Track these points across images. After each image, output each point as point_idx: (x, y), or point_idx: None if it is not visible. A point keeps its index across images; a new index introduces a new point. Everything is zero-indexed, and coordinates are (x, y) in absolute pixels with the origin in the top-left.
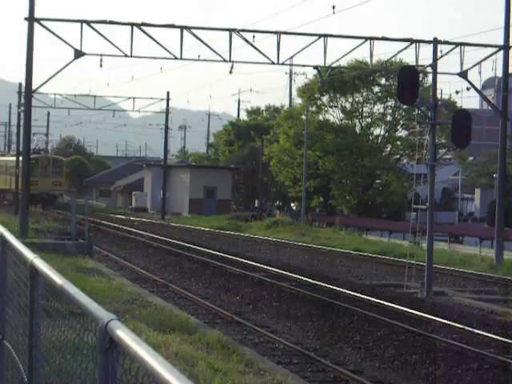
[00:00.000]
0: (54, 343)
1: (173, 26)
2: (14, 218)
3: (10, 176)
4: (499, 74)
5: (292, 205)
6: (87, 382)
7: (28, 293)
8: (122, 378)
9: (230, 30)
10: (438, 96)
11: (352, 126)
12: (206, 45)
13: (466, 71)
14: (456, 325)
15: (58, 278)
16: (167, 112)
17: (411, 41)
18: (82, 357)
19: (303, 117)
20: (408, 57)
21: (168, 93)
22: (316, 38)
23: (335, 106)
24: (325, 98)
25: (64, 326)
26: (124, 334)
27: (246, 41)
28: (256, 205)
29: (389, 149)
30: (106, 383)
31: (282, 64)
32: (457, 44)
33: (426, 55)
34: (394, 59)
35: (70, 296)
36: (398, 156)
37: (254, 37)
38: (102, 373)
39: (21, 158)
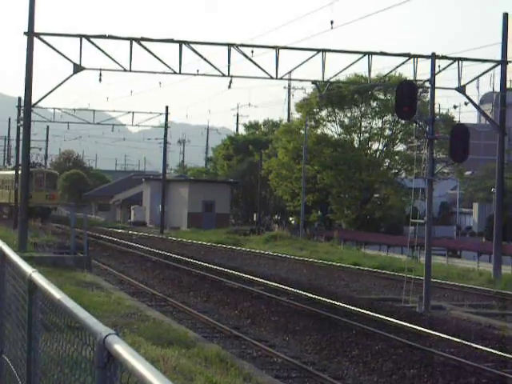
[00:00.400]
0: (52, 357)
1: (172, 40)
2: (13, 232)
3: (9, 190)
4: (497, 88)
5: (290, 219)
6: None
7: (26, 307)
8: None
9: (229, 45)
10: (436, 111)
11: (350, 141)
12: (205, 59)
13: (464, 86)
14: (454, 339)
15: (56, 293)
16: (166, 126)
17: (409, 56)
18: (79, 371)
19: (302, 131)
20: (407, 71)
21: (167, 107)
22: (314, 52)
23: (333, 121)
24: (323, 113)
25: (62, 340)
26: (122, 349)
27: (245, 55)
28: (254, 219)
29: (387, 163)
30: None
31: (281, 79)
32: (455, 59)
33: (424, 70)
34: (393, 73)
35: (68, 310)
36: (396, 170)
37: (252, 52)
38: None
39: (20, 172)
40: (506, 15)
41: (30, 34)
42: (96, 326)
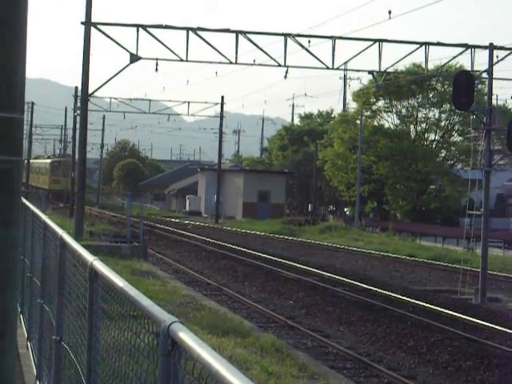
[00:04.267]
0: (113, 345)
1: (228, 30)
2: (70, 221)
3: (44, 176)
4: None
5: (345, 210)
6: (146, 383)
7: (87, 295)
8: (183, 380)
9: (286, 35)
10: (494, 102)
11: (407, 131)
12: (261, 49)
13: None
14: (510, 331)
15: (118, 280)
16: (221, 116)
17: (467, 46)
18: (141, 358)
19: (358, 121)
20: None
21: (222, 97)
22: (371, 42)
23: (390, 111)
24: (380, 103)
25: (123, 328)
26: (186, 337)
27: (301, 45)
28: (309, 209)
29: (443, 154)
30: None
31: (337, 69)
32: None
33: (482, 60)
34: (451, 63)
35: (130, 298)
36: (452, 161)
37: (309, 41)
38: (164, 374)
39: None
40: None
41: (88, 23)
42: (160, 314)
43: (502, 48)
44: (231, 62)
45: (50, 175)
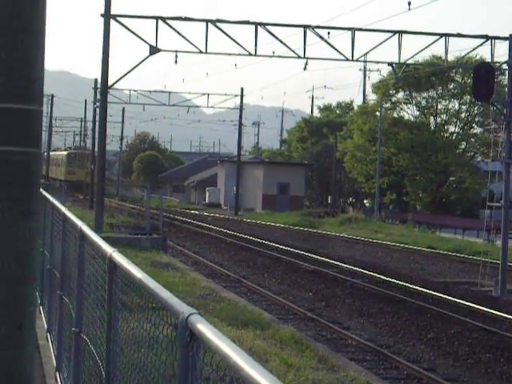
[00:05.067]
0: (131, 336)
1: (247, 22)
2: (89, 213)
3: (60, 167)
4: None
5: (365, 201)
6: (165, 375)
7: (106, 286)
8: (202, 372)
9: (305, 27)
10: None
11: (426, 123)
12: (281, 41)
13: None
14: None
15: (137, 272)
16: (241, 108)
17: (487, 37)
18: (159, 350)
19: (377, 113)
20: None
21: (242, 89)
22: (391, 34)
23: (410, 103)
24: (400, 95)
25: (142, 320)
26: (205, 328)
27: (321, 37)
28: (329, 201)
29: (463, 146)
30: (185, 376)
31: (357, 60)
32: None
33: (502, 52)
34: (472, 55)
35: (149, 290)
36: (472, 153)
37: (328, 33)
38: (182, 366)
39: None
40: None
41: (107, 16)
42: (178, 306)
43: None
44: (250, 54)
45: (66, 167)
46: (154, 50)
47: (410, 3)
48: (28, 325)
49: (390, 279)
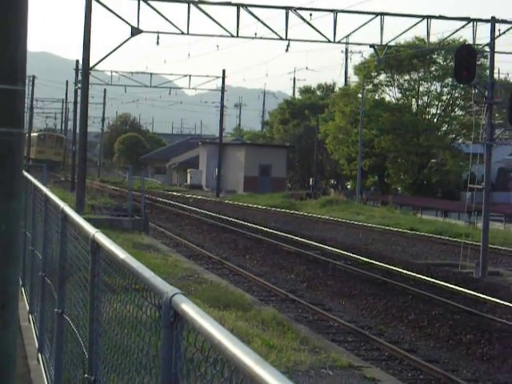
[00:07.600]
0: (115, 317)
1: (229, 3)
2: (71, 194)
3: (30, 147)
4: None
5: (347, 183)
6: (148, 355)
7: (89, 267)
8: (185, 352)
9: (287, 8)
10: (496, 75)
11: (408, 105)
12: (263, 23)
13: None
14: (511, 305)
15: (120, 252)
16: (223, 90)
17: (469, 20)
18: (143, 331)
19: (359, 95)
20: (468, 36)
21: (224, 71)
22: (373, 16)
23: (392, 85)
24: (381, 77)
25: (124, 301)
26: (189, 308)
27: (303, 19)
28: (311, 183)
29: (445, 128)
30: (169, 356)
31: (339, 42)
32: None
33: (483, 34)
34: (453, 38)
35: (132, 270)
36: (453, 135)
37: (310, 15)
38: (166, 346)
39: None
40: None
41: None
42: (162, 286)
43: (504, 21)
44: (232, 36)
45: (36, 146)
46: (135, 32)
47: None
48: (11, 305)
49: (371, 261)
